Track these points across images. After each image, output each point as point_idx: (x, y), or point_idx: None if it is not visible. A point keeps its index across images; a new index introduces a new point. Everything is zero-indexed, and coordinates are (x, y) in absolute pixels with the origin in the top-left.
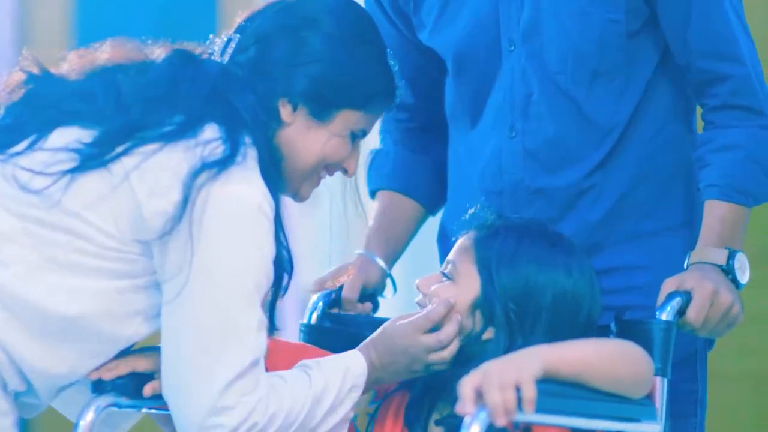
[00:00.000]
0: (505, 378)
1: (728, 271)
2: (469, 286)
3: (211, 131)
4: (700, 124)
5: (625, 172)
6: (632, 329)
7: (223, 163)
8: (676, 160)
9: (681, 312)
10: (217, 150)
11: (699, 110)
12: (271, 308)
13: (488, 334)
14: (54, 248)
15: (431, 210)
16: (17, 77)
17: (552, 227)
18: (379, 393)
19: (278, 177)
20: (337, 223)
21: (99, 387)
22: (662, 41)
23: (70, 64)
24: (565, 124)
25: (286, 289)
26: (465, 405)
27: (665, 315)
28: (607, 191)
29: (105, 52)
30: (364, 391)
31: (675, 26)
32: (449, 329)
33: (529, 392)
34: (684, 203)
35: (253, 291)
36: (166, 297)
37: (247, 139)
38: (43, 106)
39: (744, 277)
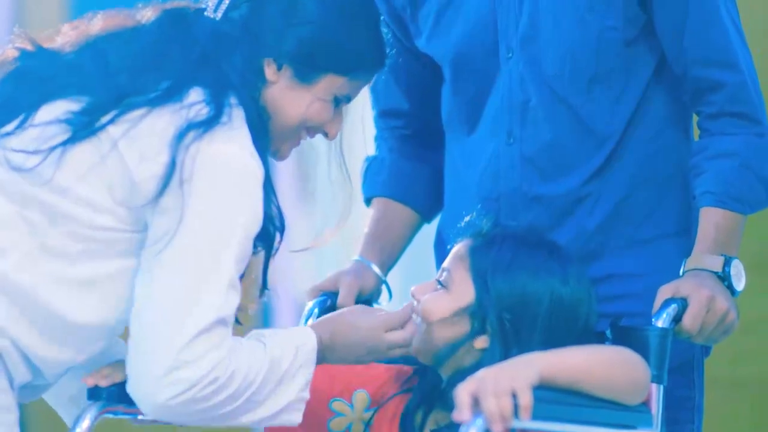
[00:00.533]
0: (501, 385)
1: (724, 278)
2: (463, 294)
3: (195, 94)
4: (696, 132)
5: (622, 179)
6: (628, 336)
7: (208, 124)
8: (672, 167)
9: (677, 319)
10: (202, 111)
11: (695, 117)
12: (264, 268)
13: (481, 342)
14: (49, 234)
15: (426, 217)
16: (10, 54)
17: (548, 236)
18: (374, 400)
19: (266, 136)
20: (333, 229)
21: (95, 394)
22: (659, 48)
23: (64, 37)
24: (563, 130)
25: (277, 249)
26: (462, 412)
27: (661, 322)
28: (604, 198)
29: (98, 23)
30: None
31: (671, 34)
32: (411, 328)
33: (526, 399)
34: (680, 210)
35: (235, 249)
36: (147, 255)
37: (233, 100)
38: (33, 82)
39: (740, 284)
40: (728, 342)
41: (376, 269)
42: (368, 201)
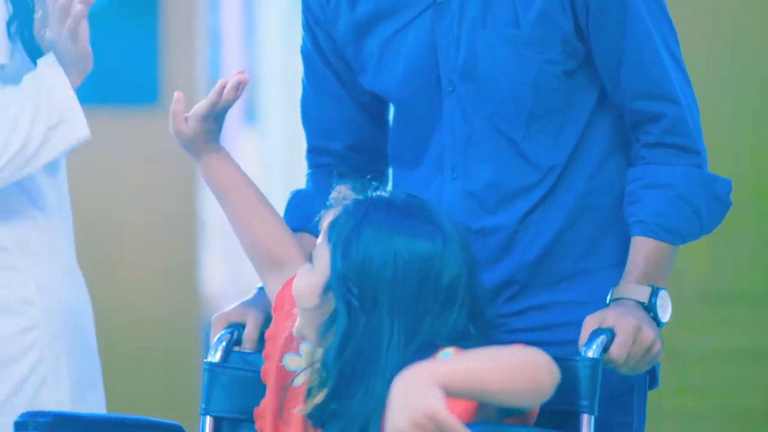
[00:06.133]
0: (417, 418)
1: (650, 308)
2: (323, 269)
3: None
4: None
5: (562, 211)
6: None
7: None
8: (613, 199)
9: (604, 349)
10: None
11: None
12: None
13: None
14: None
15: None
16: None
17: (413, 197)
18: None
19: None
20: None
21: (22, 427)
22: (599, 80)
23: None
24: (505, 164)
25: None
26: None
27: (591, 352)
28: (544, 230)
29: None
30: None
31: (608, 67)
32: None
33: (449, 422)
34: (624, 240)
35: None
36: None
37: None
38: None
39: (665, 316)
40: (674, 373)
41: None
42: None
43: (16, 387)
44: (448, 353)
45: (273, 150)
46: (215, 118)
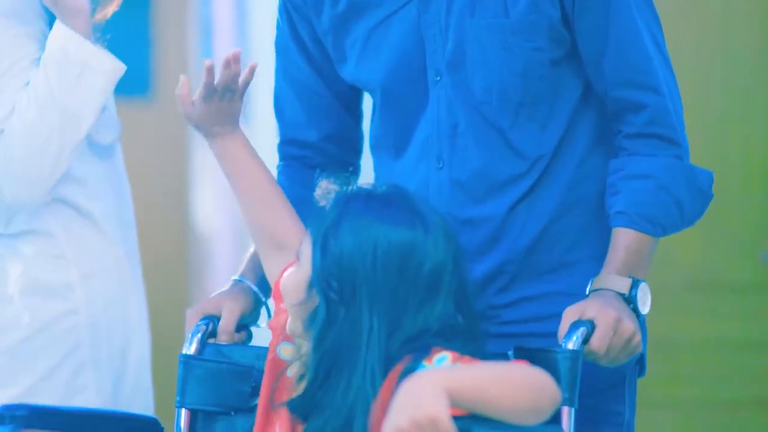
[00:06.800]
0: (420, 421)
1: (630, 300)
2: (307, 264)
3: None
4: None
5: (552, 201)
6: (536, 358)
7: None
8: (601, 190)
9: (585, 340)
10: None
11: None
12: None
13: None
14: None
15: None
16: None
17: (394, 186)
18: None
19: None
20: None
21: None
22: (584, 73)
23: None
24: (492, 154)
25: None
26: None
27: (572, 344)
28: (534, 220)
29: None
30: None
31: (592, 55)
32: None
33: (448, 428)
34: (610, 232)
35: None
36: None
37: None
38: None
39: (645, 308)
40: (665, 363)
41: (257, 291)
42: None
43: (52, 369)
44: (446, 357)
45: (263, 142)
46: (225, 99)
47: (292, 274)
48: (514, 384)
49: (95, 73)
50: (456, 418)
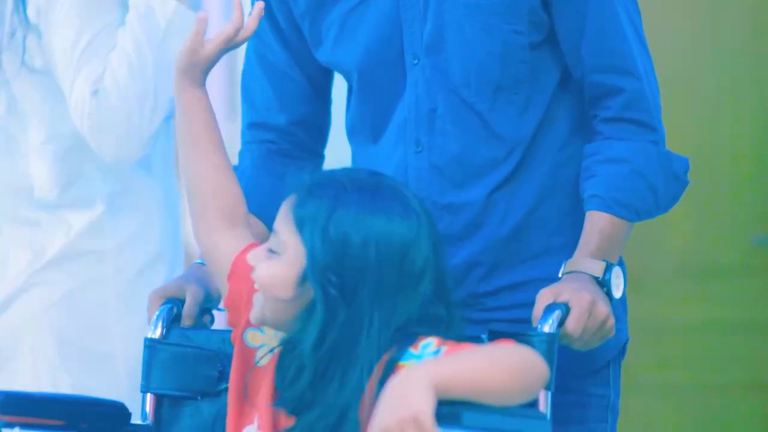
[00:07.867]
0: (405, 420)
1: (603, 283)
2: (295, 259)
3: None
4: None
5: (531, 187)
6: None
7: None
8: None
9: (560, 323)
10: None
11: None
12: None
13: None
14: None
15: None
16: None
17: (378, 174)
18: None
19: None
20: None
21: None
22: (562, 58)
23: None
24: (471, 138)
25: None
26: None
27: (548, 327)
28: (514, 207)
29: None
30: None
31: (570, 38)
32: None
33: (428, 426)
34: None
35: None
36: None
37: None
38: None
39: (617, 292)
40: (654, 347)
41: None
42: None
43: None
44: (431, 343)
45: None
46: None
47: (275, 267)
48: (506, 366)
49: (180, 29)
50: (445, 404)
